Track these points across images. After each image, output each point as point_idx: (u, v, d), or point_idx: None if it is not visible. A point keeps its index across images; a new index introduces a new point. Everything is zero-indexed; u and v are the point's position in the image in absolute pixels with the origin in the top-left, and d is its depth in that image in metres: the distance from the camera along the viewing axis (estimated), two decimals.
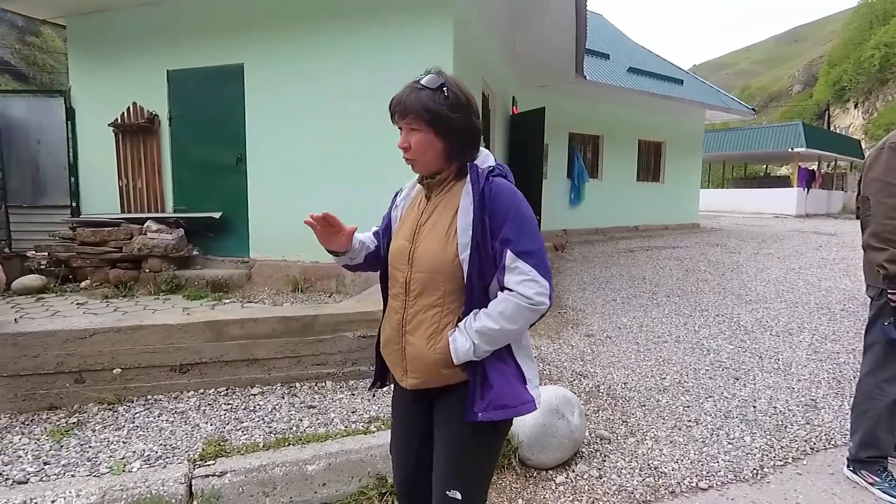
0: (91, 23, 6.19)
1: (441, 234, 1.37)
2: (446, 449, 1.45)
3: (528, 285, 1.29)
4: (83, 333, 3.08)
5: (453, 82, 1.39)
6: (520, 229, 1.32)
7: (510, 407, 1.35)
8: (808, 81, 55.11)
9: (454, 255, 1.34)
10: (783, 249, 9.78)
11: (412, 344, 1.41)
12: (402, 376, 1.46)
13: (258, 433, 2.78)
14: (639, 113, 12.91)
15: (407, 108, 1.35)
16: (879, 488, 2.41)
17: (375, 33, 5.16)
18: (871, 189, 2.37)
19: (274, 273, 5.50)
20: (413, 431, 1.56)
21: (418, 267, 1.39)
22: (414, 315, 1.41)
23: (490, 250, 1.33)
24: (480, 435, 1.41)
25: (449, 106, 1.35)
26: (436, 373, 1.39)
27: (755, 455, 2.77)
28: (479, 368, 1.36)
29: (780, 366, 4.00)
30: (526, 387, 1.40)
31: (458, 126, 1.36)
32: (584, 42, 7.73)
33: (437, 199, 1.44)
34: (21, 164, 6.45)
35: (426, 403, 1.51)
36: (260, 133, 5.66)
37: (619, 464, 2.67)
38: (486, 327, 1.31)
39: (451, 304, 1.38)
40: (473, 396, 1.35)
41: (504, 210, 1.32)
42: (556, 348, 4.29)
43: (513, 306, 1.30)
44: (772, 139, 21.47)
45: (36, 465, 2.48)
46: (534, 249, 1.32)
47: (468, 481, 1.43)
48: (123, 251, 5.54)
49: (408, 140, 1.37)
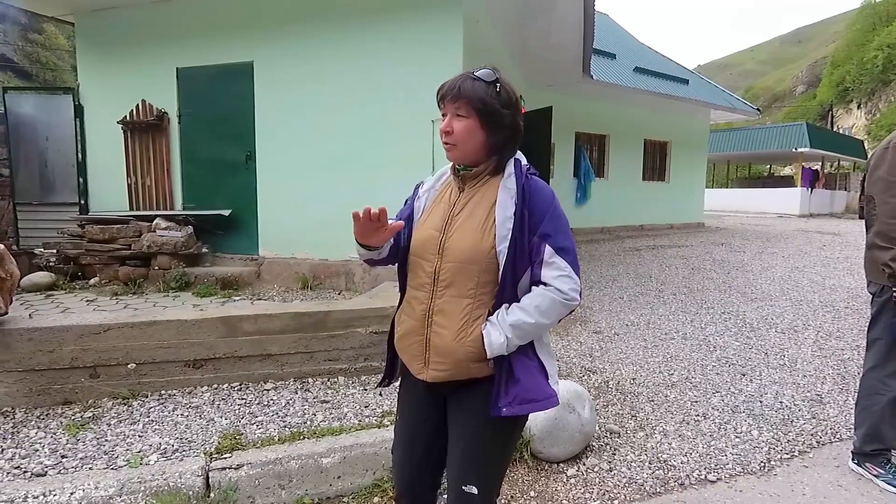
0: (99, 20, 6.23)
1: (477, 225, 1.37)
2: (464, 444, 1.44)
3: (564, 281, 1.33)
4: (98, 329, 3.12)
5: (506, 80, 1.41)
6: (557, 226, 1.35)
7: (536, 401, 1.36)
8: (812, 82, 55.00)
9: (491, 246, 1.34)
10: (787, 248, 9.79)
11: (439, 335, 1.39)
12: (422, 369, 1.43)
13: (273, 427, 2.81)
14: (644, 112, 12.92)
15: (461, 93, 1.35)
16: (884, 480, 2.46)
17: (385, 32, 5.19)
18: (875, 188, 2.39)
19: (283, 270, 5.53)
20: (423, 429, 1.53)
21: (450, 257, 1.38)
22: (443, 306, 1.39)
23: (526, 245, 1.34)
24: (501, 430, 1.41)
25: (501, 102, 1.36)
26: (464, 366, 1.38)
27: (762, 448, 2.80)
28: (504, 363, 1.36)
29: (786, 362, 4.03)
30: (548, 381, 1.41)
31: (505, 122, 1.38)
32: (591, 41, 7.74)
33: (472, 191, 1.43)
34: (29, 162, 6.49)
35: (439, 401, 1.50)
36: (269, 131, 5.69)
37: (628, 457, 2.70)
38: (522, 321, 1.32)
39: (484, 296, 1.37)
40: (498, 391, 1.35)
41: (543, 207, 1.36)
42: (564, 345, 4.32)
43: (548, 300, 1.32)
44: (776, 139, 21.45)
45: (54, 458, 2.51)
46: (570, 247, 1.36)
47: (485, 476, 1.43)
48: (132, 248, 5.58)
49: (451, 125, 1.37)
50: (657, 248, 9.90)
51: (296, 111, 5.54)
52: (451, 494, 1.46)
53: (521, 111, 1.44)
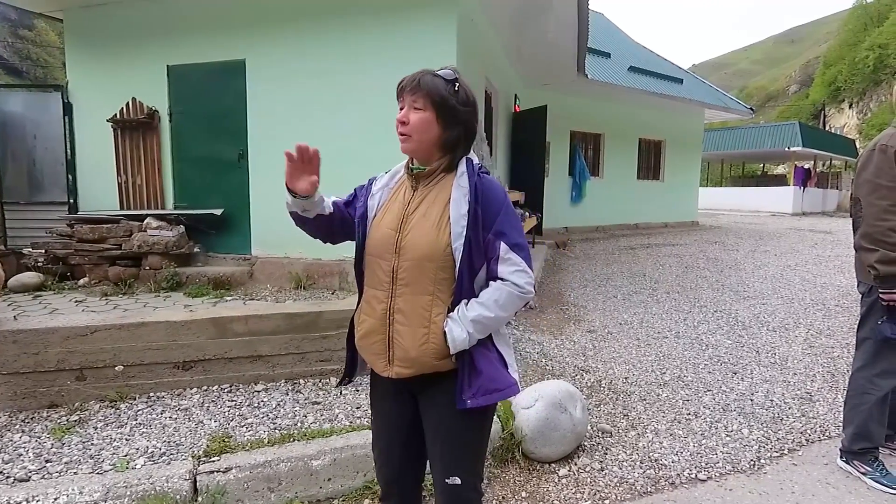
0: (89, 16, 6.14)
1: (433, 223, 1.40)
2: (441, 440, 1.48)
3: (520, 275, 1.39)
4: (84, 331, 3.08)
5: (465, 82, 1.46)
6: (511, 223, 1.42)
7: (499, 391, 1.41)
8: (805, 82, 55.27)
9: (447, 243, 1.38)
10: (780, 247, 9.84)
11: (401, 333, 1.41)
12: (386, 367, 1.45)
13: (262, 429, 2.79)
14: (639, 112, 12.94)
15: (420, 86, 1.39)
16: (871, 477, 2.48)
17: (378, 30, 5.15)
18: (862, 190, 2.40)
19: (276, 270, 5.49)
20: (398, 426, 1.56)
21: (407, 255, 1.40)
22: (402, 304, 1.41)
23: (480, 241, 1.39)
24: (472, 421, 1.45)
25: (458, 99, 1.42)
26: (427, 363, 1.41)
27: (752, 447, 2.81)
28: (466, 357, 1.40)
29: (777, 360, 4.04)
30: (508, 371, 1.46)
31: (461, 119, 1.43)
32: (586, 41, 7.74)
33: (426, 189, 1.46)
34: (17, 160, 6.39)
35: (409, 396, 1.53)
36: (262, 129, 5.64)
37: (620, 456, 2.70)
38: (482, 315, 1.36)
39: (442, 293, 1.41)
40: (462, 384, 1.39)
41: (496, 204, 1.41)
42: (558, 344, 4.31)
43: (506, 294, 1.38)
44: (769, 138, 21.56)
45: (38, 462, 2.48)
46: (523, 244, 1.43)
47: (466, 466, 1.48)
48: (123, 248, 5.51)
49: (408, 116, 1.40)
50: (651, 246, 9.92)
51: (289, 109, 5.49)
52: (437, 488, 1.51)
53: (478, 116, 1.49)
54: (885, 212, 2.29)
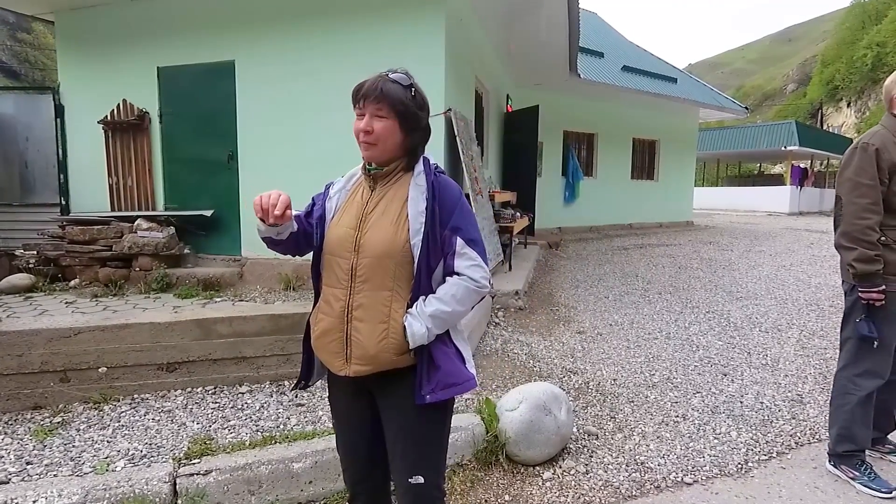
0: (80, 18, 6.13)
1: (391, 221, 1.43)
2: (402, 438, 1.48)
3: (475, 269, 1.43)
4: (68, 332, 3.07)
5: (418, 85, 1.49)
6: (467, 220, 1.46)
7: (456, 385, 1.43)
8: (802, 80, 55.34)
9: (405, 240, 1.41)
10: (775, 247, 9.83)
11: (360, 330, 1.42)
12: (343, 365, 1.44)
13: (245, 431, 2.77)
14: (633, 111, 12.93)
15: (384, 95, 1.40)
16: (860, 482, 2.44)
17: (366, 29, 5.13)
18: (843, 189, 2.40)
19: (266, 271, 5.47)
20: (359, 426, 1.56)
21: (366, 252, 1.42)
22: (362, 300, 1.42)
23: (438, 238, 1.42)
24: (432, 417, 1.46)
25: (417, 104, 1.46)
26: (386, 358, 1.41)
27: (740, 450, 2.79)
28: (424, 352, 1.42)
29: (768, 361, 4.03)
30: (466, 366, 1.48)
31: (422, 124, 1.48)
32: (577, 40, 7.73)
33: (384, 189, 1.49)
34: (9, 162, 6.38)
35: (367, 395, 1.53)
36: (251, 130, 5.62)
37: (605, 459, 2.68)
38: (440, 310, 1.39)
39: (401, 289, 1.43)
40: (421, 379, 1.41)
41: (452, 202, 1.45)
42: (546, 345, 4.29)
43: (463, 289, 1.42)
44: (766, 138, 21.56)
45: (18, 465, 2.47)
46: (478, 239, 1.47)
47: (428, 464, 1.49)
48: (113, 249, 5.49)
49: (371, 125, 1.42)
50: (645, 246, 9.91)
51: (278, 110, 5.47)
52: (399, 489, 1.50)
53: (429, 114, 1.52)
54: (865, 210, 2.29)
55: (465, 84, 6.38)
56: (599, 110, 12.40)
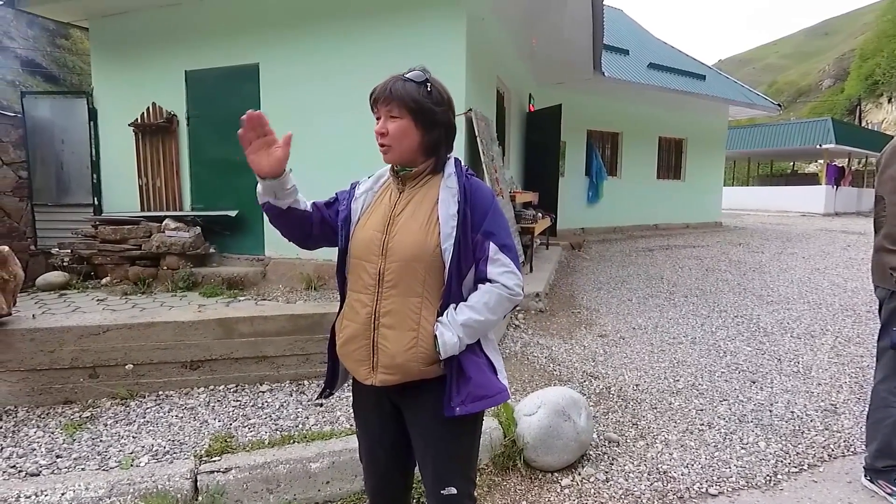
0: (113, 25, 6.31)
1: (421, 224, 1.38)
2: (433, 450, 1.43)
3: (509, 276, 1.37)
4: (97, 330, 3.15)
5: (436, 80, 1.44)
6: (500, 224, 1.40)
7: (488, 397, 1.38)
8: (839, 76, 53.41)
9: (436, 244, 1.35)
10: (809, 249, 9.52)
11: (388, 338, 1.37)
12: (369, 374, 1.40)
13: (265, 430, 2.80)
14: (659, 110, 12.69)
15: (393, 95, 1.37)
16: None
17: (388, 31, 5.15)
18: (885, 188, 2.28)
19: (288, 271, 5.54)
20: (382, 436, 1.52)
21: (394, 257, 1.37)
22: (389, 307, 1.37)
23: (469, 242, 1.37)
24: (462, 429, 1.42)
25: (432, 100, 1.39)
26: (413, 368, 1.37)
27: (769, 461, 2.69)
28: (454, 363, 1.36)
29: (800, 369, 3.89)
30: (497, 377, 1.43)
31: (439, 120, 1.41)
32: (601, 38, 7.61)
33: (412, 191, 1.44)
34: (46, 164, 6.60)
35: (391, 406, 1.49)
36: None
37: (626, 467, 2.62)
38: (472, 319, 1.34)
39: (431, 295, 1.37)
40: (451, 391, 1.35)
41: (484, 205, 1.40)
42: (567, 348, 4.23)
43: (496, 297, 1.36)
44: (799, 135, 20.90)
45: (49, 457, 2.54)
46: (511, 245, 1.40)
47: (460, 475, 1.45)
48: (142, 249, 5.63)
49: (385, 126, 1.39)
50: (671, 248, 9.71)
51: (300, 111, 5.54)
52: (430, 498, 1.47)
53: (454, 112, 1.47)
54: None
55: (486, 84, 6.35)
56: (624, 109, 12.21)
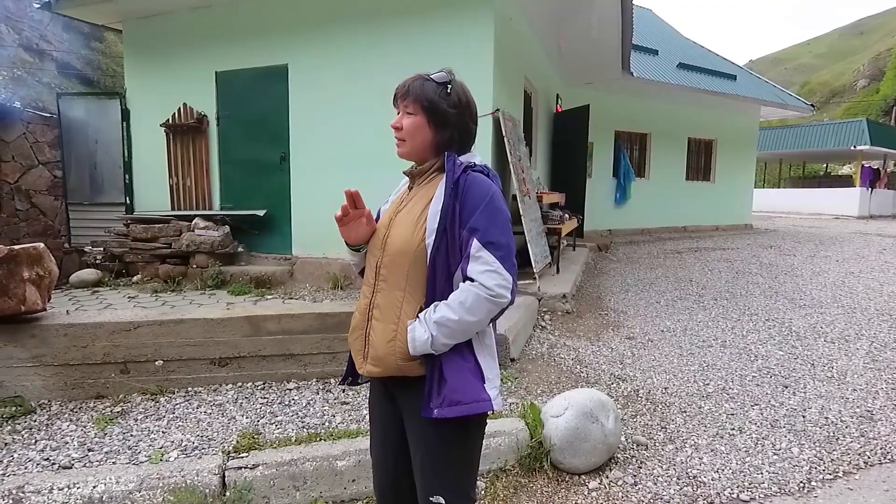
0: (145, 27, 6.47)
1: (413, 220, 1.40)
2: (420, 453, 1.41)
3: (490, 276, 1.28)
4: (128, 326, 3.22)
5: (459, 84, 1.46)
6: (490, 220, 1.32)
7: (463, 403, 1.30)
8: (875, 76, 51.71)
9: (420, 239, 1.36)
10: (843, 252, 9.22)
11: (375, 329, 1.40)
12: (362, 363, 1.44)
13: (291, 427, 2.82)
14: (688, 110, 12.46)
15: (409, 92, 1.42)
16: None
17: (416, 31, 5.17)
18: None
19: (315, 270, 5.60)
20: (388, 434, 1.52)
21: (388, 250, 1.41)
22: (380, 300, 1.41)
23: (457, 239, 1.34)
24: (449, 434, 1.35)
25: (449, 102, 1.42)
26: (392, 362, 1.37)
27: (803, 467, 2.61)
28: (435, 363, 1.33)
29: (835, 374, 3.77)
30: (484, 385, 1.35)
31: (451, 122, 1.42)
32: (630, 37, 7.51)
33: (418, 188, 1.48)
34: (80, 164, 6.80)
35: (394, 402, 1.48)
36: (303, 132, 5.77)
37: (655, 471, 2.57)
38: (446, 317, 1.28)
39: (415, 290, 1.37)
40: (430, 392, 1.32)
41: (475, 200, 1.34)
42: (594, 350, 4.18)
43: (473, 296, 1.28)
44: (833, 136, 20.29)
45: (81, 451, 2.60)
46: (502, 242, 1.31)
47: (448, 484, 1.39)
48: (172, 247, 5.76)
49: (401, 121, 1.44)
50: (700, 250, 9.52)
51: (329, 111, 5.59)
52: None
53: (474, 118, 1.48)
54: None
55: (513, 84, 6.32)
56: (653, 109, 12.02)
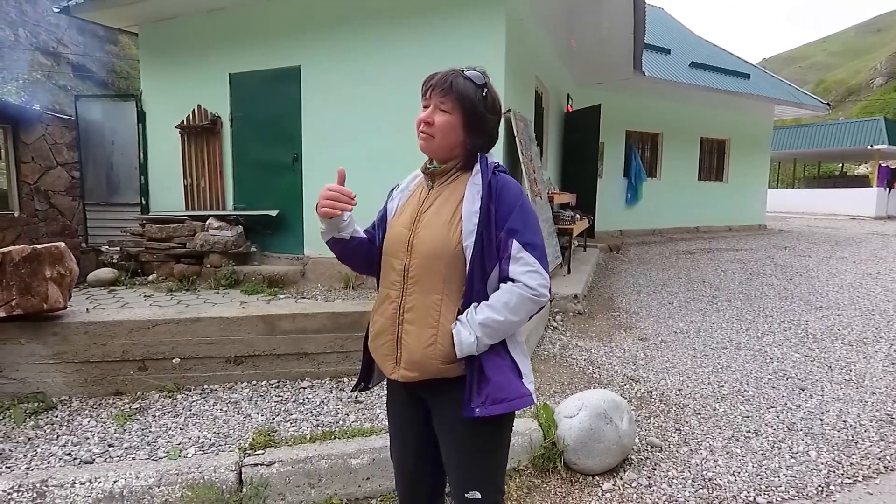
0: (161, 30, 6.54)
1: (444, 221, 1.38)
2: (455, 452, 1.42)
3: (532, 276, 1.31)
4: (146, 324, 3.27)
5: (493, 87, 1.44)
6: (525, 222, 1.35)
7: (508, 400, 1.33)
8: (893, 73, 50.94)
9: (457, 241, 1.34)
10: (860, 253, 9.09)
11: (410, 333, 1.38)
12: (394, 368, 1.41)
13: (306, 425, 2.85)
14: (701, 109, 12.36)
15: (452, 89, 1.36)
16: None
17: (428, 32, 5.17)
18: None
19: (327, 270, 5.62)
20: (410, 434, 1.53)
21: (417, 253, 1.38)
22: (413, 303, 1.38)
23: (493, 239, 1.34)
24: (485, 431, 1.39)
25: (486, 106, 1.40)
26: (433, 366, 1.36)
27: (821, 471, 2.58)
28: (475, 363, 1.34)
29: (853, 377, 3.72)
30: (522, 381, 1.38)
31: (487, 127, 1.41)
32: (643, 37, 7.46)
33: (441, 188, 1.45)
34: (97, 165, 6.90)
35: (421, 402, 1.48)
36: (316, 133, 5.80)
37: (670, 473, 2.56)
38: (491, 319, 1.30)
39: (452, 293, 1.36)
40: (471, 392, 1.33)
41: (510, 201, 1.35)
42: (607, 351, 4.16)
43: (517, 297, 1.31)
44: (849, 136, 20.01)
45: (101, 446, 2.65)
46: (538, 243, 1.35)
47: (484, 480, 1.42)
48: (187, 247, 5.82)
49: (433, 117, 1.38)
50: (713, 251, 9.44)
51: (341, 113, 5.62)
52: (455, 501, 1.45)
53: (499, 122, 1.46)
54: None
55: (525, 84, 6.31)
56: (665, 109, 11.93)
